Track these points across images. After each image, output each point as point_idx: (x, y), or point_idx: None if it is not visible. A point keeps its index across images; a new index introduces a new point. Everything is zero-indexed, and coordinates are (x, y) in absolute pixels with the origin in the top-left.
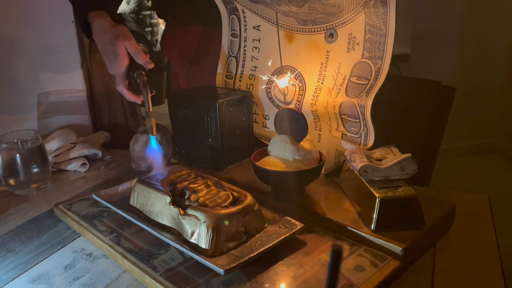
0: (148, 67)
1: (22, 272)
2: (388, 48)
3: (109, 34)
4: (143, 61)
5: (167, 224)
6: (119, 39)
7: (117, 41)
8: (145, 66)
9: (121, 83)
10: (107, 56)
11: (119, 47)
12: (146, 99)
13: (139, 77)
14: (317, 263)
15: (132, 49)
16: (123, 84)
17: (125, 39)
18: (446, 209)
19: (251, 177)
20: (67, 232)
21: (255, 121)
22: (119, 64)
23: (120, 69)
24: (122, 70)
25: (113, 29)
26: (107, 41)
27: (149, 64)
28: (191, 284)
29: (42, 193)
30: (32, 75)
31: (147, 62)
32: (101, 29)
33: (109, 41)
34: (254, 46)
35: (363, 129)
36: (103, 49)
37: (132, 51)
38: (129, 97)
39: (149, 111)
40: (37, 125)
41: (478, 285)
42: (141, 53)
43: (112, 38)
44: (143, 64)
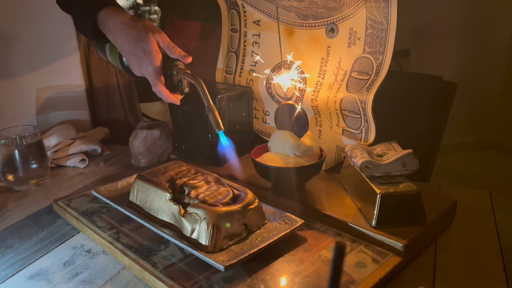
0: (186, 61)
1: (21, 268)
2: (389, 43)
3: (135, 29)
4: (180, 55)
5: (167, 220)
6: (149, 33)
7: (147, 36)
8: (183, 60)
9: (159, 82)
10: (134, 55)
11: (150, 42)
12: (203, 92)
13: (182, 72)
14: (317, 259)
15: (165, 43)
16: (161, 84)
17: (155, 32)
18: (447, 205)
19: (251, 173)
20: (66, 228)
21: (255, 116)
22: (153, 61)
23: (154, 66)
24: (158, 68)
25: (138, 23)
26: (134, 37)
27: (186, 58)
28: (191, 281)
29: (41, 189)
30: (30, 70)
31: (184, 56)
32: (124, 25)
33: (137, 36)
34: (254, 41)
35: (364, 124)
36: (129, 47)
37: (165, 45)
38: (169, 98)
39: (210, 105)
40: (36, 121)
41: (479, 281)
42: (175, 46)
43: (139, 33)
44: (181, 58)
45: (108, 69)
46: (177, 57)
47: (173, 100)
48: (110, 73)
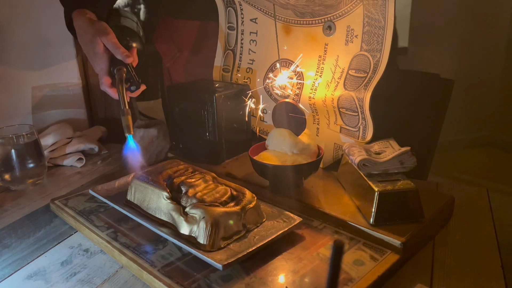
0: (126, 61)
1: (18, 268)
2: (387, 41)
3: (88, 33)
4: (122, 55)
5: (165, 219)
6: (97, 37)
7: (95, 39)
8: (124, 60)
9: (103, 82)
10: (89, 56)
11: (97, 44)
12: (121, 95)
13: (118, 72)
14: (316, 257)
15: (110, 44)
16: (106, 83)
17: (102, 35)
18: (445, 202)
19: (249, 171)
20: (64, 228)
21: (253, 115)
22: (100, 62)
23: (101, 67)
24: (104, 68)
25: (90, 27)
26: (86, 40)
27: (127, 58)
28: (189, 279)
29: (38, 188)
30: (26, 68)
31: (125, 56)
32: (80, 29)
33: (88, 40)
34: (252, 39)
35: (362, 122)
36: (85, 49)
37: (110, 46)
38: (115, 96)
39: (124, 109)
40: (32, 119)
41: (477, 278)
42: (119, 47)
43: (90, 36)
44: (122, 58)
45: None
46: (119, 57)
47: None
48: None
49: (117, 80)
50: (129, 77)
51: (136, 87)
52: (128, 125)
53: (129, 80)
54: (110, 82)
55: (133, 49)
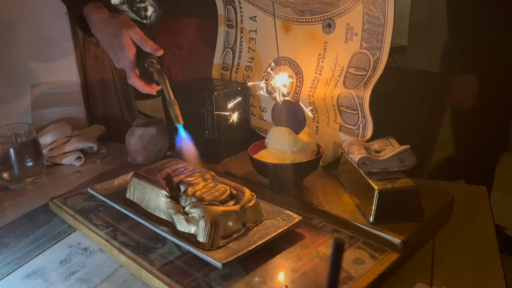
0: (157, 54)
1: (17, 267)
2: (386, 39)
3: (111, 26)
4: (152, 48)
5: (164, 218)
6: (123, 29)
7: (121, 32)
8: (154, 53)
9: (133, 75)
10: (112, 50)
11: (124, 37)
12: (165, 87)
13: (151, 65)
14: (315, 256)
15: (137, 38)
16: (135, 76)
17: (129, 28)
18: (445, 200)
19: (248, 169)
20: (63, 227)
21: (252, 113)
22: (127, 55)
23: (129, 60)
24: (132, 62)
25: (113, 20)
26: (109, 33)
27: (158, 51)
28: (188, 278)
29: (37, 187)
30: (25, 66)
31: (156, 49)
32: (101, 21)
33: (112, 33)
34: (251, 37)
35: (361, 120)
36: (107, 43)
37: (137, 39)
38: (144, 89)
39: (171, 99)
40: (31, 117)
41: (477, 277)
42: (148, 40)
43: (115, 29)
44: (152, 52)
45: (104, 66)
46: (149, 51)
47: (149, 91)
48: (105, 70)
49: (157, 72)
50: None
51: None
52: (177, 114)
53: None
54: (139, 75)
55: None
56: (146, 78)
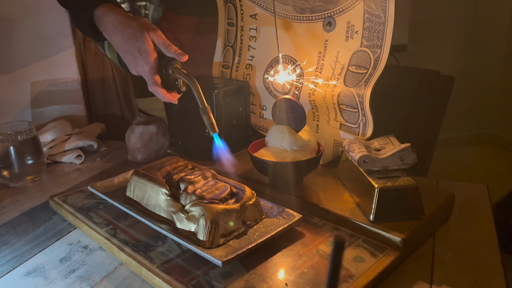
0: (182, 59)
1: (17, 265)
2: (387, 37)
3: (131, 28)
4: (176, 53)
5: (164, 216)
6: (144, 32)
7: (142, 35)
8: (179, 58)
9: (155, 83)
10: (130, 55)
11: (146, 40)
12: (198, 93)
13: (177, 71)
14: (315, 254)
15: (160, 41)
16: (158, 83)
17: (150, 30)
18: (445, 199)
19: (249, 168)
20: (63, 225)
21: (252, 111)
22: (148, 60)
23: (150, 66)
24: (153, 67)
25: (133, 21)
26: (129, 36)
27: (182, 56)
28: (188, 276)
29: (37, 185)
30: (25, 64)
31: (180, 54)
32: (119, 24)
33: (132, 35)
34: (251, 35)
35: (362, 119)
36: (125, 47)
37: (160, 43)
38: (166, 98)
39: (204, 106)
40: (31, 115)
41: (477, 275)
42: (171, 44)
43: (135, 31)
44: (176, 57)
45: (104, 64)
46: (172, 56)
47: (170, 99)
48: (106, 68)
49: (187, 78)
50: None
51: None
52: (212, 123)
53: (177, 80)
54: (160, 81)
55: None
56: (167, 85)
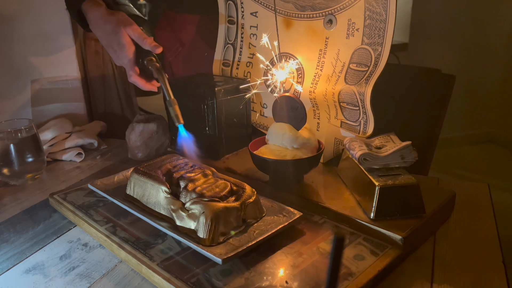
0: (156, 51)
1: (17, 262)
2: (388, 34)
3: (109, 24)
4: (150, 46)
5: (164, 214)
6: (121, 27)
7: (119, 30)
8: (153, 50)
9: (133, 73)
10: (111, 48)
11: (122, 35)
12: (164, 85)
13: (150, 63)
14: (316, 252)
15: (136, 35)
16: (135, 74)
17: (127, 25)
18: (446, 197)
19: (249, 166)
20: (63, 222)
21: (253, 109)
22: (126, 54)
23: (128, 59)
24: (131, 60)
25: (111, 17)
26: (108, 31)
27: (157, 48)
28: (188, 274)
29: (37, 183)
30: (25, 61)
31: (154, 47)
32: (100, 19)
33: (111, 30)
34: (252, 33)
35: (363, 117)
36: (106, 41)
37: (136, 37)
38: (145, 87)
39: (171, 99)
40: (31, 113)
41: (478, 274)
42: (146, 37)
43: (113, 27)
44: (151, 49)
45: (104, 62)
46: (148, 48)
47: (150, 88)
48: (106, 67)
49: (156, 70)
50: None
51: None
52: (177, 114)
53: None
54: (139, 73)
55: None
56: (147, 75)
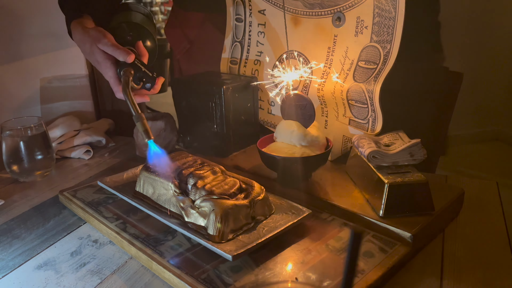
0: (128, 60)
1: (29, 258)
2: (397, 32)
3: (86, 44)
4: (122, 56)
5: (174, 211)
6: (93, 46)
7: (93, 48)
8: (125, 60)
9: (117, 90)
10: (95, 66)
11: (97, 53)
12: (129, 101)
13: (123, 75)
14: (325, 249)
15: (108, 48)
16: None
17: (98, 42)
18: (455, 194)
19: (257, 163)
20: (73, 219)
21: (261, 107)
22: (106, 70)
23: (109, 75)
24: (112, 76)
25: (86, 37)
26: (87, 51)
27: (128, 56)
28: (198, 270)
29: (46, 180)
30: (34, 59)
31: (125, 55)
32: (79, 41)
33: (88, 50)
34: (260, 31)
35: (371, 114)
36: (89, 59)
37: (109, 50)
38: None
39: (137, 114)
40: (40, 111)
41: (487, 271)
42: (118, 48)
43: (89, 46)
44: (123, 59)
45: None
46: (121, 59)
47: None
48: None
49: (122, 84)
50: (141, 75)
51: (151, 84)
52: (146, 129)
53: (141, 78)
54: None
55: (138, 44)
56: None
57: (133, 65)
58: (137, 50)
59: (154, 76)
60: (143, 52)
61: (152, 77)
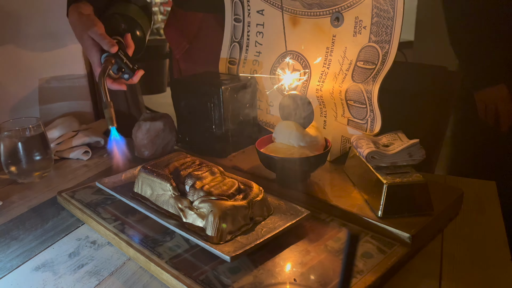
0: (111, 50)
1: (27, 260)
2: (395, 32)
3: (78, 29)
4: (107, 46)
5: (172, 212)
6: (84, 31)
7: (84, 34)
8: (109, 50)
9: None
10: (84, 49)
11: (86, 39)
12: (102, 88)
13: (104, 64)
14: (323, 250)
15: (96, 37)
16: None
17: (88, 28)
18: (454, 195)
19: (255, 164)
20: (71, 220)
21: (259, 108)
22: (91, 55)
23: (93, 60)
24: (95, 62)
25: (79, 22)
26: (78, 35)
27: (111, 47)
28: (197, 271)
29: (45, 181)
30: (33, 60)
31: (110, 46)
32: (73, 25)
33: (79, 36)
34: (258, 31)
35: (370, 115)
36: (80, 43)
37: (96, 38)
38: (112, 86)
39: (106, 101)
40: (39, 112)
41: (486, 272)
42: (104, 38)
43: (80, 31)
44: (107, 49)
45: None
46: (106, 48)
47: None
48: None
49: (100, 71)
50: (121, 65)
51: (129, 75)
52: (111, 117)
53: (121, 69)
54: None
55: (126, 36)
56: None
57: (116, 55)
58: (125, 42)
59: (134, 68)
60: (130, 44)
61: (132, 68)
